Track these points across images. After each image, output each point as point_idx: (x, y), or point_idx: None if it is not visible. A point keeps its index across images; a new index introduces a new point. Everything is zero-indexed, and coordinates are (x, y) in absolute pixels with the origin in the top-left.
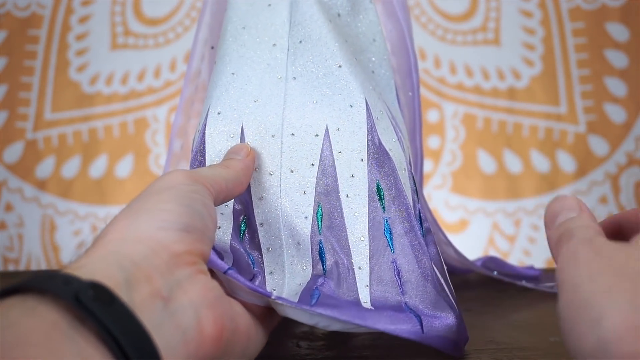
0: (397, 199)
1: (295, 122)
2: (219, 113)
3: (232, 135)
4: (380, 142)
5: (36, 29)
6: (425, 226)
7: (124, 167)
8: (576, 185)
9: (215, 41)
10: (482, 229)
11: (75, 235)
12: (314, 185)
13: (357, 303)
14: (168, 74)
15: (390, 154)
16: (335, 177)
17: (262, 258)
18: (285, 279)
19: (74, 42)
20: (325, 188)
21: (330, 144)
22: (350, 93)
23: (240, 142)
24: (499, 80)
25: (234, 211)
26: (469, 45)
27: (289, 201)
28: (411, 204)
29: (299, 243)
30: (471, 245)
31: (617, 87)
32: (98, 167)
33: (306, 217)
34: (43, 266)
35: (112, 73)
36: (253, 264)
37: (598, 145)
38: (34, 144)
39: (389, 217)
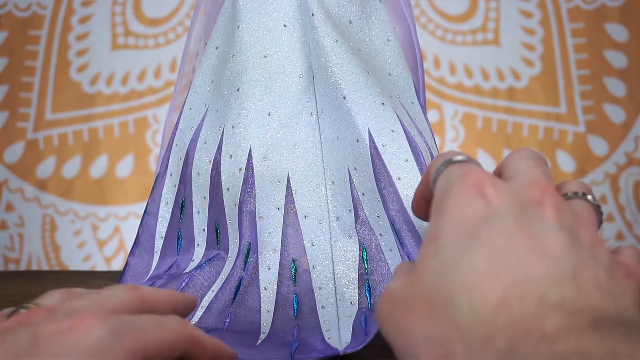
0: (412, 234)
1: (332, 165)
2: (264, 158)
3: (279, 181)
4: (389, 176)
5: (37, 29)
6: None
7: (124, 167)
8: None
9: (208, 38)
10: None
11: (76, 235)
12: (356, 230)
13: None
14: (168, 74)
15: (398, 184)
16: (367, 220)
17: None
18: (338, 312)
19: (74, 43)
20: (363, 230)
21: (355, 187)
22: (355, 127)
23: (287, 189)
24: (499, 81)
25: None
26: (469, 45)
27: (338, 247)
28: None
29: (347, 282)
30: None
31: (616, 87)
32: (98, 167)
33: (354, 260)
34: (44, 266)
35: (112, 73)
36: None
37: (597, 145)
38: (34, 144)
39: (409, 253)
